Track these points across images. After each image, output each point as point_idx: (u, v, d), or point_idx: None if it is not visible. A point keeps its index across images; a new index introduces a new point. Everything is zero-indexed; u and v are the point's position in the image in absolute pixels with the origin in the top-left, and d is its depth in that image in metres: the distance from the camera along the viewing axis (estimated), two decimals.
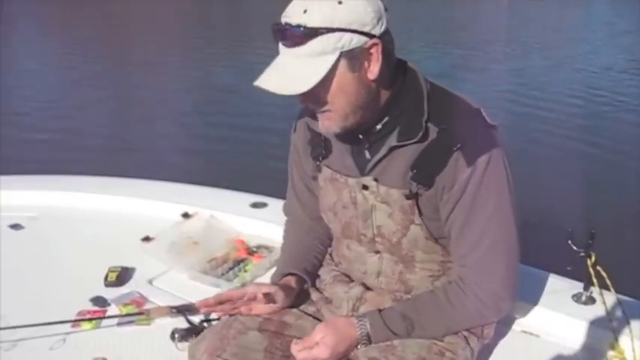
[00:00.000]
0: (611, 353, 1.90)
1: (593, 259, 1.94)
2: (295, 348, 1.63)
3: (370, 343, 1.67)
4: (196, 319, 2.15)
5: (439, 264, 1.76)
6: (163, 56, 14.34)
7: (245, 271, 2.46)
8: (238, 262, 2.52)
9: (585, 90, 10.83)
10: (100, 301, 2.32)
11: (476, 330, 1.78)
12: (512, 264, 1.69)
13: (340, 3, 1.46)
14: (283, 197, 2.08)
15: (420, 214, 1.65)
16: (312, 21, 1.46)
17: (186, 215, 2.86)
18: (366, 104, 1.57)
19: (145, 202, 3.00)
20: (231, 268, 2.47)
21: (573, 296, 2.08)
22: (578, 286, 2.09)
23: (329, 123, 1.59)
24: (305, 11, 1.47)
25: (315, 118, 1.67)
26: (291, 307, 1.84)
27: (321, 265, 1.98)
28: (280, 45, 1.53)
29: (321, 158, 1.79)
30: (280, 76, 1.52)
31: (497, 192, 1.62)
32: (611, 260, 2.02)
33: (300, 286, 1.88)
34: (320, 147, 1.79)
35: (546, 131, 8.47)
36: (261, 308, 1.77)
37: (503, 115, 9.05)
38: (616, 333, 1.89)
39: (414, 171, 1.62)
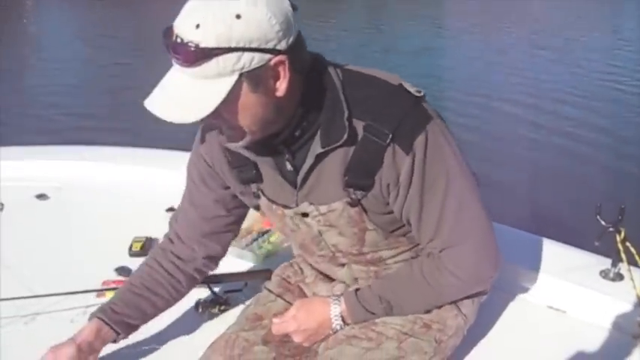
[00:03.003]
0: (638, 330, 1.88)
1: (622, 234, 1.92)
2: (274, 321, 1.68)
3: (346, 324, 1.67)
4: (220, 289, 2.16)
5: (410, 251, 1.70)
6: None
7: (269, 242, 2.45)
8: (262, 233, 2.51)
9: (617, 70, 10.75)
10: (124, 271, 2.33)
11: None
12: (484, 230, 1.59)
13: (239, 17, 1.26)
14: None
15: (369, 217, 1.57)
16: (205, 40, 1.26)
17: None
18: (274, 118, 1.42)
19: (170, 172, 2.99)
20: (255, 240, 2.46)
21: (601, 272, 2.05)
22: (606, 262, 2.06)
23: (235, 138, 1.45)
24: (197, 26, 1.26)
25: (221, 132, 1.52)
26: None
27: (158, 311, 1.86)
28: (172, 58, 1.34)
29: (252, 183, 1.66)
30: (172, 99, 1.34)
31: (445, 167, 1.50)
32: None
33: (107, 338, 1.76)
34: (249, 171, 1.63)
35: (578, 107, 8.40)
36: None
37: (536, 93, 9.02)
38: None
39: (347, 177, 1.50)
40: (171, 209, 2.69)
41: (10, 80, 10.17)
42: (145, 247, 2.46)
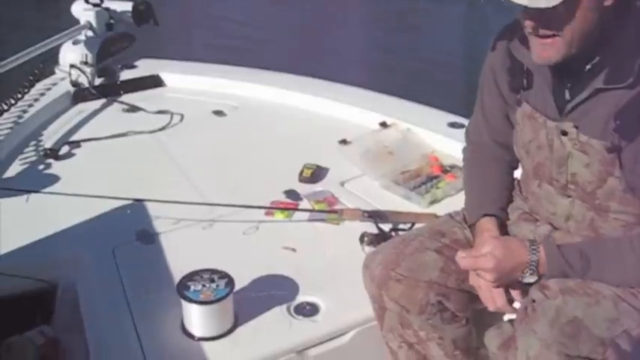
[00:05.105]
0: None
1: None
2: (460, 254, 1.62)
3: (538, 274, 1.58)
4: (386, 227, 2.14)
5: (635, 216, 1.61)
6: None
7: (437, 187, 2.41)
8: (431, 178, 2.47)
9: None
10: (293, 195, 2.37)
11: None
12: None
13: None
14: None
15: (621, 167, 1.52)
16: None
17: (383, 124, 2.84)
18: (590, 34, 1.45)
19: (345, 106, 3.01)
20: (423, 183, 2.43)
21: None
22: None
23: (550, 51, 1.48)
24: None
25: (525, 44, 1.56)
26: None
27: (511, 198, 1.88)
28: None
29: (521, 91, 1.69)
30: None
31: None
32: None
33: (500, 229, 1.77)
34: (521, 78, 1.68)
35: None
36: None
37: None
38: None
39: (618, 122, 1.47)
40: (343, 141, 2.70)
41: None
42: (315, 174, 2.48)
